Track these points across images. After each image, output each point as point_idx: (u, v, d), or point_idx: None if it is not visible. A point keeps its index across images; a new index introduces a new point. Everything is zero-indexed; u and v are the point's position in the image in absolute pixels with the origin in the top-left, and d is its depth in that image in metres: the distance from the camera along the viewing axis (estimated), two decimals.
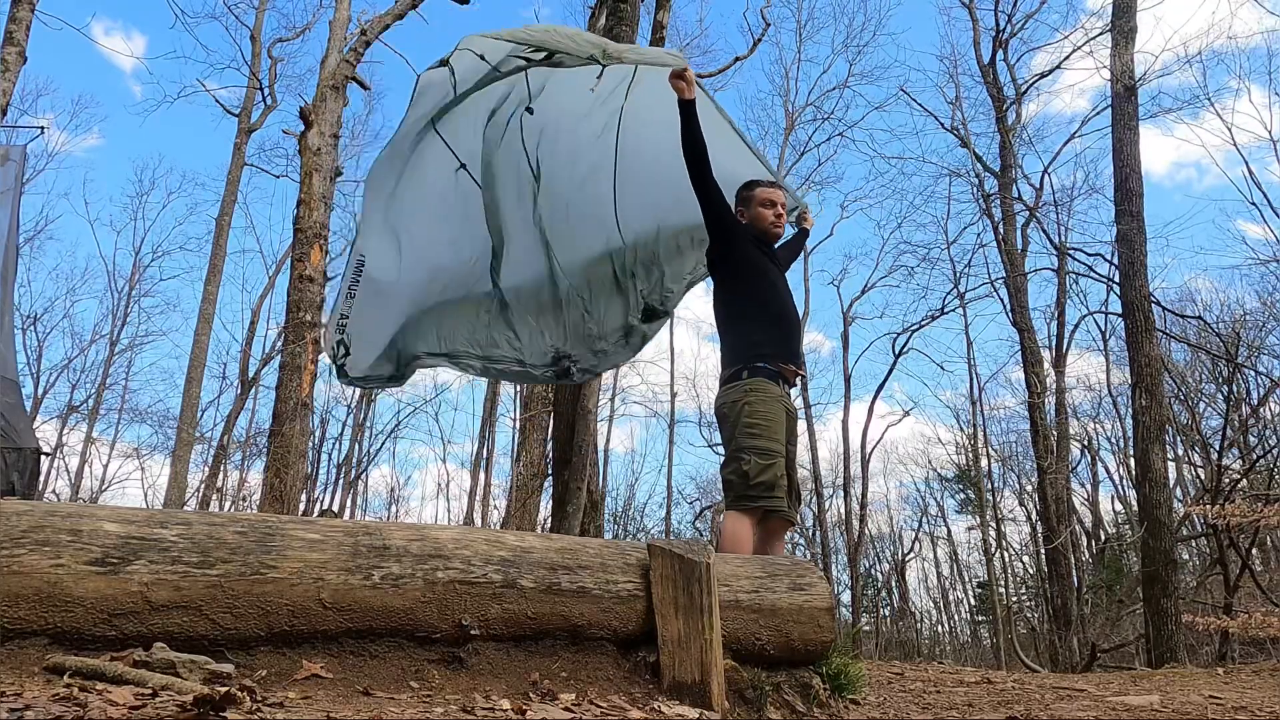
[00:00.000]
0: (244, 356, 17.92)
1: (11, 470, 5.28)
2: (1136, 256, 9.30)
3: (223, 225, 15.28)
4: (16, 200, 5.82)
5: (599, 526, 6.93)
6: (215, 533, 1.71)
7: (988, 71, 15.04)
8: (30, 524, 1.58)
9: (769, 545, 3.10)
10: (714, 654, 2.02)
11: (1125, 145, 9.62)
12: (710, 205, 3.29)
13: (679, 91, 3.20)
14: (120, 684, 1.42)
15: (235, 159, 15.86)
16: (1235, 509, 7.08)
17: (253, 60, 16.52)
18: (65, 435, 21.19)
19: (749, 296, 3.29)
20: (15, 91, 6.15)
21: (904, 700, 3.30)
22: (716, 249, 3.37)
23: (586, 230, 4.10)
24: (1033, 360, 13.41)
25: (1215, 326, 14.37)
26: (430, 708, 1.59)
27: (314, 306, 6.25)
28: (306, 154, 6.60)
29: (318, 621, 1.74)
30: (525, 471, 9.59)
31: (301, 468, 6.16)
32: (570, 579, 2.02)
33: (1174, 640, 7.83)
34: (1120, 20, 10.19)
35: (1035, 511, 18.07)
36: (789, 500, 3.11)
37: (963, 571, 25.41)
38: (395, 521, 3.27)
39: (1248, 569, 8.47)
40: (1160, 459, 8.71)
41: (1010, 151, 14.58)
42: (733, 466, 3.05)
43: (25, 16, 6.11)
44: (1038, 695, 3.53)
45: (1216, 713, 2.97)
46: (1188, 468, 17.20)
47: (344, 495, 20.97)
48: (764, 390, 3.12)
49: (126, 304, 21.25)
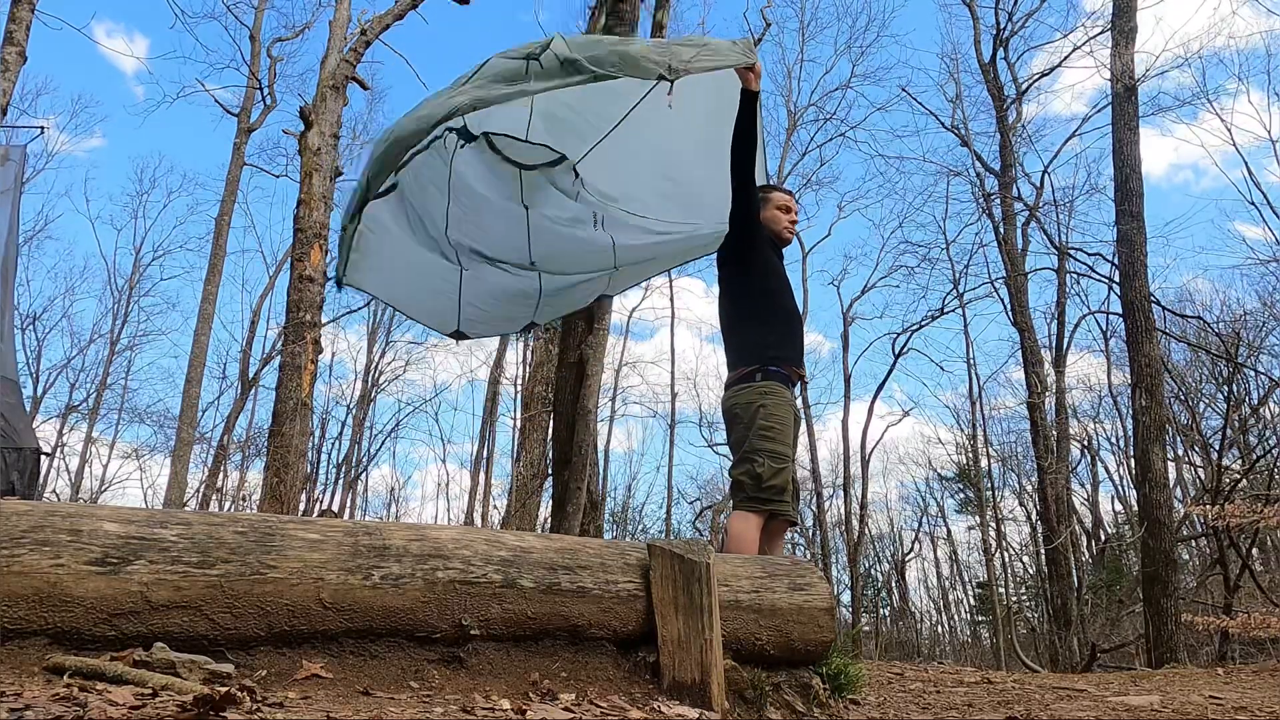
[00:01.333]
0: (244, 356, 17.94)
1: (11, 470, 5.27)
2: (1137, 256, 9.31)
3: (222, 225, 15.29)
4: (16, 200, 5.81)
5: (599, 526, 6.93)
6: (215, 533, 1.71)
7: (988, 70, 15.03)
8: (30, 524, 1.58)
9: (771, 545, 3.12)
10: (714, 654, 2.02)
11: (1125, 145, 9.62)
12: (745, 201, 3.27)
13: (746, 83, 3.16)
14: (120, 684, 1.42)
15: (235, 159, 15.87)
16: (1235, 509, 7.08)
17: (252, 60, 16.53)
18: (65, 435, 21.20)
19: (763, 297, 3.29)
20: (15, 91, 6.15)
21: (904, 700, 3.30)
22: (737, 246, 3.35)
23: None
24: (1033, 360, 13.40)
25: (1215, 326, 14.37)
26: (430, 708, 1.59)
27: (314, 306, 6.26)
28: (306, 154, 6.60)
29: (318, 621, 1.74)
30: (525, 471, 9.60)
31: (301, 468, 6.16)
32: (570, 579, 2.02)
33: (1174, 640, 7.83)
34: (1120, 20, 10.19)
35: (1035, 511, 18.06)
36: (793, 502, 3.14)
37: (963, 571, 25.43)
38: (395, 521, 3.27)
39: (1248, 569, 8.47)
40: (1160, 459, 8.72)
41: (1010, 151, 14.57)
42: (745, 468, 3.05)
43: (25, 16, 6.11)
44: (1038, 695, 3.53)
45: (1216, 713, 2.97)
46: (1188, 468, 17.21)
47: (344, 495, 20.99)
48: (778, 394, 3.13)
49: (126, 303, 21.27)
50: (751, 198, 3.27)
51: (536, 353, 10.92)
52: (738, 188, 3.24)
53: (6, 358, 5.56)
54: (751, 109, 3.16)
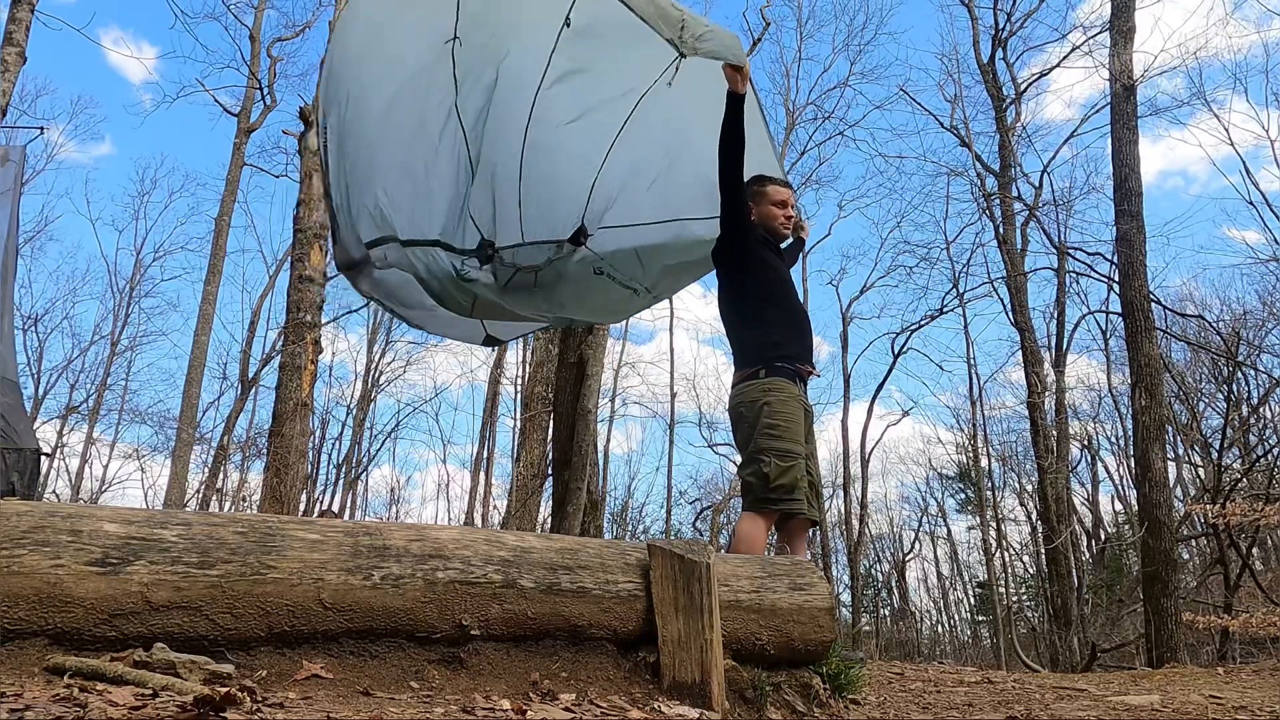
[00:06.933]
0: (244, 357, 17.92)
1: (12, 471, 5.27)
2: (1136, 256, 9.31)
3: (222, 225, 15.30)
4: (16, 200, 5.81)
5: (599, 526, 6.93)
6: (215, 533, 1.71)
7: (987, 70, 15.03)
8: (30, 524, 1.58)
9: (793, 546, 3.05)
10: (714, 654, 2.02)
11: (1124, 145, 9.62)
12: (733, 202, 3.20)
13: (732, 84, 3.07)
14: (120, 684, 1.42)
15: (235, 159, 15.88)
16: (1235, 509, 7.09)
17: (252, 60, 16.55)
18: (65, 436, 21.20)
19: (763, 296, 3.23)
20: (15, 92, 6.15)
21: (904, 700, 3.30)
22: (728, 247, 3.30)
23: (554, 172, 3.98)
24: (1033, 360, 13.40)
25: (1215, 326, 14.36)
26: (430, 708, 1.59)
27: (314, 306, 6.26)
28: (306, 154, 6.60)
29: (318, 622, 1.74)
30: (525, 472, 9.59)
31: (301, 468, 6.16)
32: (570, 579, 2.02)
33: (1174, 640, 7.83)
34: (1119, 19, 10.19)
35: (1035, 511, 18.08)
36: (810, 500, 3.07)
37: (963, 571, 25.45)
38: (395, 522, 3.28)
39: (1248, 569, 8.48)
40: (1160, 459, 8.71)
41: (1010, 150, 14.57)
42: (752, 468, 3.00)
43: (25, 17, 6.12)
44: (1038, 695, 3.53)
45: (1217, 712, 2.97)
46: (1188, 468, 17.21)
47: (344, 495, 20.99)
48: (783, 390, 3.06)
49: (127, 304, 21.28)
50: (740, 200, 3.21)
51: (537, 353, 10.92)
52: (725, 191, 3.17)
53: (7, 359, 5.56)
54: (737, 112, 3.08)
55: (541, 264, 4.02)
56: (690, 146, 3.87)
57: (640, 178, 4.08)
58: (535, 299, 4.09)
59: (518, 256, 3.98)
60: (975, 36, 15.38)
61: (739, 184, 3.18)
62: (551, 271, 4.05)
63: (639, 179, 4.08)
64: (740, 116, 3.08)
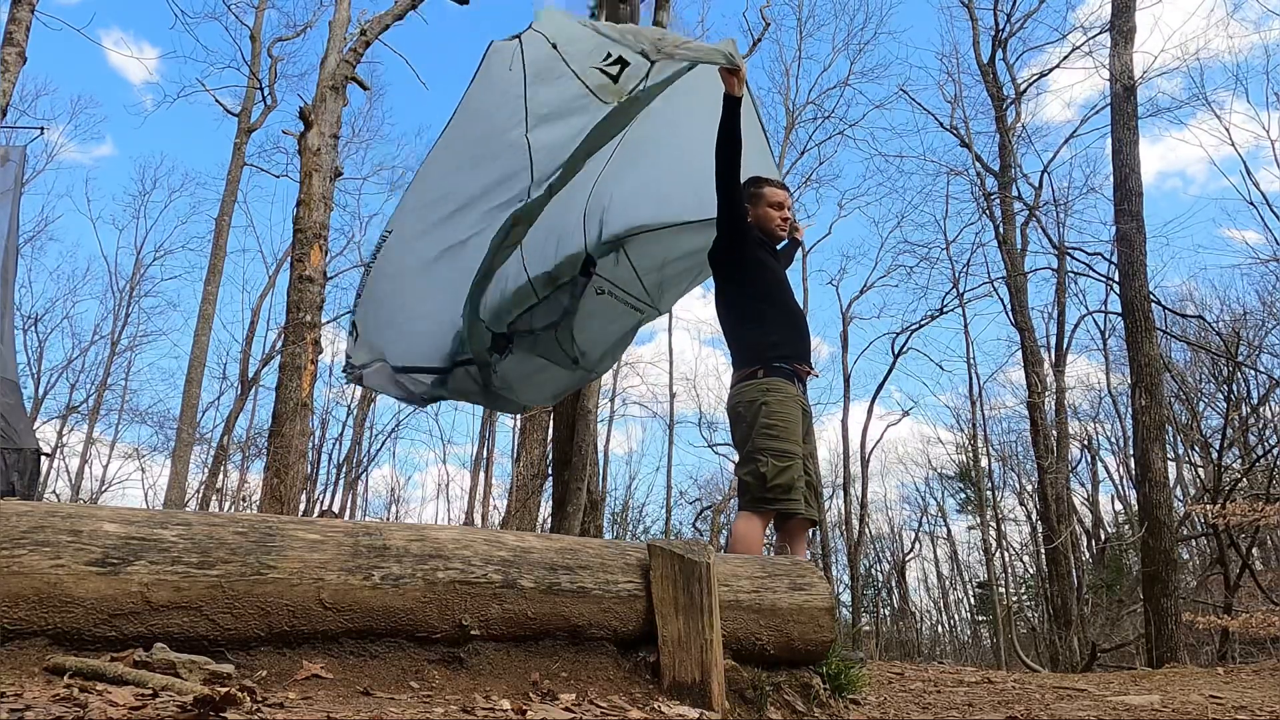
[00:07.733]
0: (244, 356, 17.94)
1: (12, 471, 5.27)
2: (1136, 256, 9.31)
3: (222, 225, 15.30)
4: (16, 200, 5.81)
5: (599, 526, 6.93)
6: (215, 533, 1.71)
7: (987, 71, 15.03)
8: (30, 524, 1.58)
9: (793, 546, 3.05)
10: (714, 654, 2.02)
11: (1124, 145, 9.63)
12: (730, 205, 3.20)
13: (729, 86, 3.06)
14: (120, 684, 1.42)
15: (235, 159, 15.88)
16: (1235, 509, 7.10)
17: (252, 60, 16.55)
18: (65, 436, 21.22)
19: (760, 297, 3.24)
20: (15, 92, 6.15)
21: (904, 700, 3.30)
22: (725, 249, 3.31)
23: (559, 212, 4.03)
24: (1033, 360, 13.40)
25: (1215, 326, 14.37)
26: (430, 708, 1.59)
27: (314, 307, 6.25)
28: (306, 154, 6.60)
29: (318, 622, 1.73)
30: (525, 472, 9.59)
31: (301, 468, 6.16)
32: (570, 579, 2.02)
33: (1174, 640, 7.83)
34: (1119, 20, 10.20)
35: (1035, 511, 18.08)
36: (809, 500, 3.07)
37: (963, 571, 25.45)
38: (395, 522, 3.28)
39: (1248, 569, 8.48)
40: (1160, 459, 8.72)
41: (1010, 151, 14.57)
42: (749, 468, 3.00)
43: (25, 17, 6.11)
44: (1038, 695, 3.53)
45: (1217, 712, 2.97)
46: (1188, 468, 17.21)
47: (344, 495, 20.98)
48: (781, 390, 3.07)
49: (127, 304, 21.28)
50: (736, 202, 3.21)
51: None
52: (723, 192, 3.17)
53: (6, 359, 5.56)
54: (734, 114, 3.07)
55: (558, 319, 4.13)
56: (686, 151, 3.89)
57: (639, 185, 4.11)
58: (532, 373, 4.24)
59: (534, 319, 4.11)
60: (975, 36, 15.39)
61: (736, 186, 3.18)
62: (567, 323, 4.16)
63: (637, 185, 4.11)
64: (737, 118, 3.08)
